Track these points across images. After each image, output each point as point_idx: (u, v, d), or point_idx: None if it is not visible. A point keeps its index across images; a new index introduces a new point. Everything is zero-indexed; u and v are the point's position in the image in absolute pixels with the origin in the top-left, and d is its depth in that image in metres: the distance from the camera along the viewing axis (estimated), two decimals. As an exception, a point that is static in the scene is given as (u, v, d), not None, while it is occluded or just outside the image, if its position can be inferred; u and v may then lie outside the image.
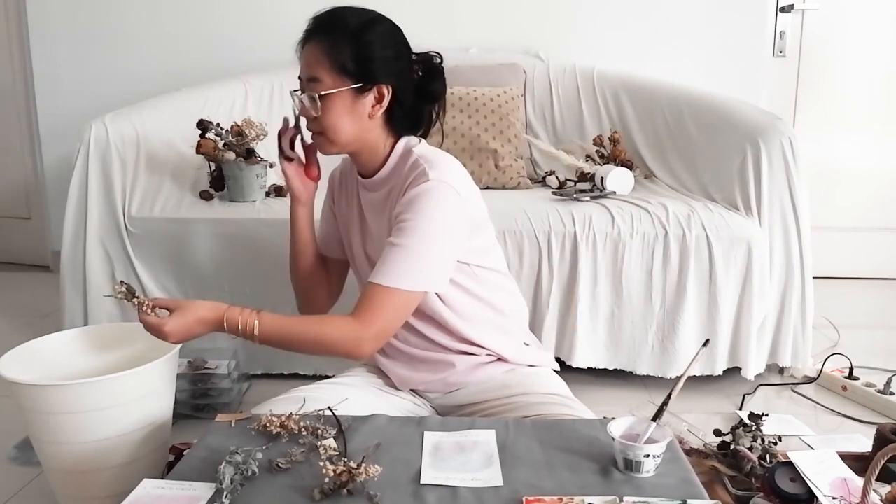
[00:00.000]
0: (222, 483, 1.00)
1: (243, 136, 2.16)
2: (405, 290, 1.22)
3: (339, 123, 1.28)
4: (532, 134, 2.76)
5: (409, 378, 1.40)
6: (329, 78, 1.26)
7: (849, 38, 3.10)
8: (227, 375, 1.93)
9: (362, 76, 1.27)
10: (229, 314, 1.21)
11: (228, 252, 2.09)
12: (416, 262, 1.22)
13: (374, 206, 1.39)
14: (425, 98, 1.36)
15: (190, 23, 3.05)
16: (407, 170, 1.29)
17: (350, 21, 1.28)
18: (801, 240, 2.07)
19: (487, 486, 1.03)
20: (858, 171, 3.18)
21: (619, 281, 2.04)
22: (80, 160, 2.08)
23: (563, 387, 1.41)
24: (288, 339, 1.22)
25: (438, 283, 1.28)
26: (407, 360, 1.40)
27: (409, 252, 1.22)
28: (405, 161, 1.32)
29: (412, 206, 1.23)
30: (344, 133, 1.29)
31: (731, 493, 1.43)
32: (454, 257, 1.29)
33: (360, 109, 1.28)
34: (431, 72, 1.36)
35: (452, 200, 1.25)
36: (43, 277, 3.24)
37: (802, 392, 2.11)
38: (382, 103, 1.29)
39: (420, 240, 1.22)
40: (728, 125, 2.22)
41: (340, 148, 1.32)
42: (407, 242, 1.22)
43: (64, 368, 1.51)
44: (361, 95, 1.28)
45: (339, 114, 1.27)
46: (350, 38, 1.26)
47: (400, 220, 1.24)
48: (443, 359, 1.38)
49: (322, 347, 1.23)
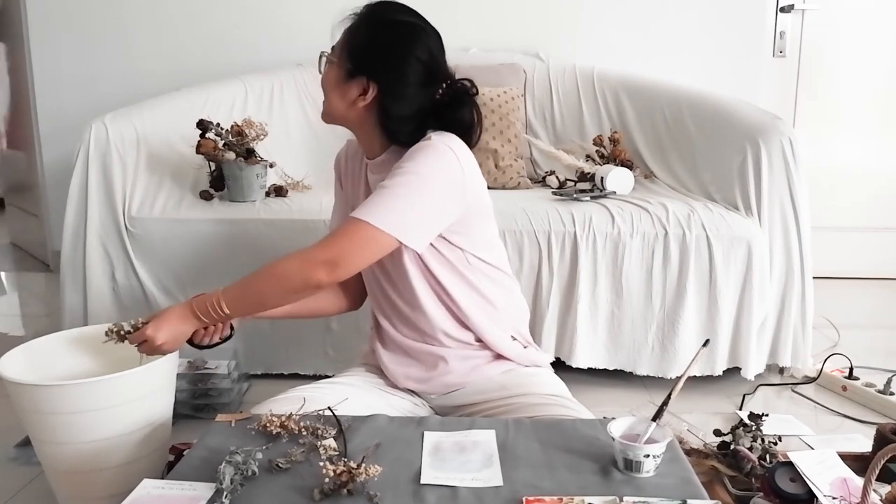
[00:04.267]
0: (222, 483, 1.00)
1: (243, 136, 2.16)
2: (374, 226, 1.20)
3: (330, 95, 1.35)
4: (532, 134, 2.76)
5: (405, 374, 1.40)
6: (339, 49, 1.33)
7: (849, 38, 3.10)
8: (227, 375, 1.93)
9: (352, 62, 1.31)
10: (197, 300, 1.27)
11: (228, 252, 2.08)
12: (394, 204, 1.21)
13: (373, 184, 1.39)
14: (450, 125, 1.31)
15: (190, 23, 3.05)
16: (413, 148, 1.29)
17: (378, 12, 1.32)
18: (801, 240, 2.07)
19: (487, 486, 1.03)
20: (858, 171, 3.18)
21: (619, 281, 2.04)
22: (80, 160, 2.08)
23: (562, 388, 1.40)
24: (252, 293, 1.25)
25: (411, 237, 1.23)
26: (401, 353, 1.40)
27: (389, 195, 1.22)
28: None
29: (409, 157, 1.25)
30: (331, 105, 1.35)
31: (731, 493, 1.43)
32: (437, 221, 1.27)
33: (348, 93, 1.32)
34: (456, 98, 1.32)
35: (450, 163, 1.25)
36: (43, 277, 3.24)
37: (802, 392, 2.11)
38: (366, 97, 1.31)
39: (406, 188, 1.22)
40: (728, 125, 2.22)
41: (331, 119, 1.38)
42: (391, 185, 1.22)
43: (64, 368, 1.51)
44: (350, 80, 1.32)
45: (330, 83, 1.35)
46: (364, 26, 1.31)
47: (394, 169, 1.25)
48: (433, 352, 1.37)
49: (282, 284, 1.22)
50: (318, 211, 2.10)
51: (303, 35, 2.99)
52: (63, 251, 2.10)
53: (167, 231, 2.09)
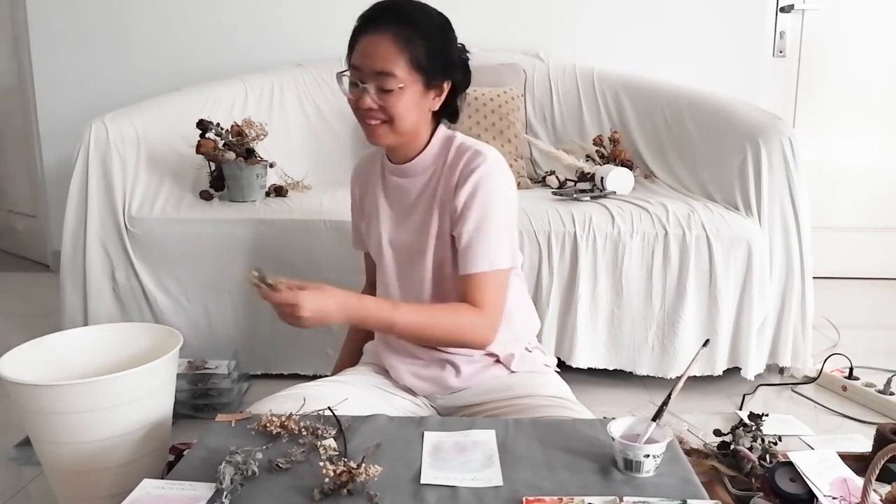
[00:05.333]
0: (222, 483, 1.00)
1: (243, 136, 2.16)
2: (501, 270, 1.30)
3: (407, 115, 1.28)
4: (532, 134, 2.76)
5: (411, 373, 1.40)
6: (402, 72, 1.25)
7: (849, 38, 3.10)
8: (227, 375, 1.93)
9: (433, 72, 1.28)
10: (368, 301, 1.25)
11: (228, 252, 2.08)
12: (498, 241, 1.30)
13: (406, 191, 1.38)
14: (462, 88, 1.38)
15: (190, 23, 3.05)
16: (453, 155, 1.33)
17: (420, 17, 1.28)
18: (801, 240, 2.07)
19: (487, 486, 1.03)
20: (858, 171, 3.18)
21: (619, 281, 2.04)
22: (80, 160, 2.08)
23: (566, 390, 1.40)
24: (423, 327, 1.26)
25: (517, 257, 1.36)
26: (408, 356, 1.40)
27: (492, 234, 1.29)
28: (447, 147, 1.35)
29: (481, 190, 1.29)
30: (408, 124, 1.30)
31: (731, 493, 1.43)
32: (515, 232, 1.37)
33: (424, 103, 1.30)
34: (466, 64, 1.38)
35: (510, 180, 1.33)
36: (43, 277, 3.24)
37: (802, 392, 2.11)
38: (442, 96, 1.32)
39: (496, 220, 1.30)
40: (728, 125, 2.22)
41: (399, 137, 1.32)
42: (486, 226, 1.29)
43: (64, 368, 1.51)
44: (428, 90, 1.29)
45: (408, 106, 1.27)
46: (425, 35, 1.26)
47: (470, 206, 1.29)
48: (442, 357, 1.38)
49: (456, 338, 1.29)
50: (318, 211, 2.10)
51: (303, 35, 2.99)
52: (63, 251, 2.10)
53: (167, 231, 2.09)
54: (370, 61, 1.25)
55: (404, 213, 1.39)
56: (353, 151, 2.71)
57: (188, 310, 2.12)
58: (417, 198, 1.37)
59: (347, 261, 2.00)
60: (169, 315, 2.10)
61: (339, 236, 2.04)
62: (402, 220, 1.39)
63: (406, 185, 1.38)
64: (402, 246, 1.39)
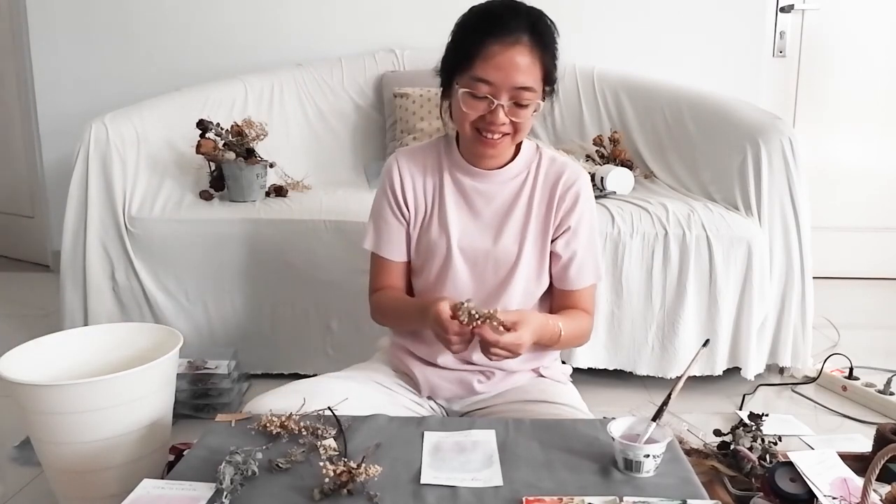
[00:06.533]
0: (222, 483, 1.00)
1: (243, 136, 2.16)
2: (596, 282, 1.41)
3: (529, 126, 1.27)
4: (532, 134, 2.76)
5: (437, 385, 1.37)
6: (538, 85, 1.22)
7: (849, 38, 3.10)
8: (227, 375, 1.93)
9: (552, 81, 1.26)
10: (545, 319, 1.27)
11: (228, 252, 2.08)
12: (599, 254, 1.39)
13: (489, 197, 1.33)
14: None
15: (190, 23, 3.05)
16: (546, 164, 1.36)
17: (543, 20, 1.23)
18: (801, 240, 2.07)
19: (487, 486, 1.03)
20: (858, 171, 3.18)
21: (619, 281, 2.03)
22: (80, 160, 2.08)
23: (578, 399, 1.39)
24: (569, 339, 1.33)
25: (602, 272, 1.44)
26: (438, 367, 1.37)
27: (597, 249, 1.38)
28: (535, 156, 1.36)
29: (586, 207, 1.35)
30: (526, 130, 1.28)
31: (731, 493, 1.43)
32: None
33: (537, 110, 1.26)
34: None
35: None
36: (43, 277, 3.24)
37: (802, 392, 2.11)
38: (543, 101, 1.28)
39: (597, 235, 1.40)
40: (728, 125, 2.22)
41: (513, 148, 1.33)
42: (593, 241, 1.37)
43: (64, 368, 1.51)
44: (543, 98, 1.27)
45: (530, 118, 1.25)
46: (550, 41, 1.23)
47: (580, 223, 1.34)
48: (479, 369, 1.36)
49: (577, 340, 1.39)
50: (318, 211, 2.10)
51: (303, 35, 2.99)
52: (63, 251, 2.10)
53: (167, 231, 2.09)
54: (510, 76, 1.17)
55: (486, 220, 1.33)
56: (353, 151, 2.71)
57: (188, 310, 2.12)
58: (508, 205, 1.33)
59: (347, 261, 2.01)
60: (169, 315, 2.10)
61: (340, 236, 2.04)
62: (482, 225, 1.33)
63: (490, 191, 1.33)
64: (478, 251, 1.32)
